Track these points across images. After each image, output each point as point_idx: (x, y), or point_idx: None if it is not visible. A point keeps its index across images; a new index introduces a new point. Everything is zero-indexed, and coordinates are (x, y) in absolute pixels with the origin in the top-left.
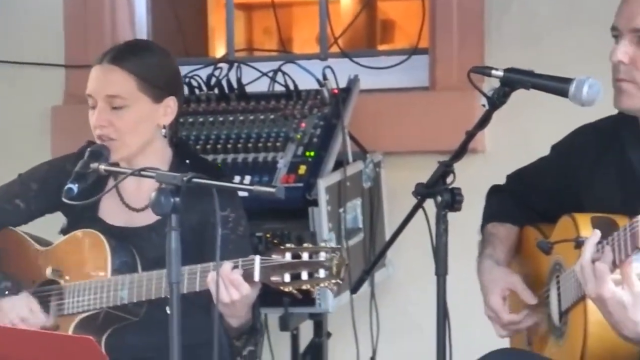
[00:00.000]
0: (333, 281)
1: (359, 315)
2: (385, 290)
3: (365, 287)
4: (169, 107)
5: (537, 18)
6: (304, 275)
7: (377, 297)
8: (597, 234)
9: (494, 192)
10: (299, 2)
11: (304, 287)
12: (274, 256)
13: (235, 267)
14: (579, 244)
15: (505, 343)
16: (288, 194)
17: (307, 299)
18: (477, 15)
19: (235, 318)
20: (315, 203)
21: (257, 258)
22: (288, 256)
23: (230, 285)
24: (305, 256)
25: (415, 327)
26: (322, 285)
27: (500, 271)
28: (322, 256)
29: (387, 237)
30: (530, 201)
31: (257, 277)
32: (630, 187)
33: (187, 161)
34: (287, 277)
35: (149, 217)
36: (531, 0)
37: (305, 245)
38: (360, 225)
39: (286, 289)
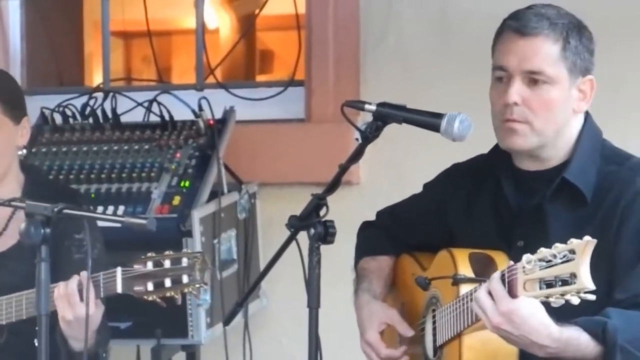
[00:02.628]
0: (197, 285)
1: (233, 346)
2: (259, 321)
3: (239, 319)
4: (25, 128)
5: (412, 52)
6: (167, 283)
7: (250, 328)
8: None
9: (366, 228)
10: (178, 30)
11: (168, 295)
12: (135, 266)
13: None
14: (456, 281)
15: None
16: (162, 224)
17: (180, 329)
18: (353, 48)
19: (77, 341)
20: (189, 234)
21: (119, 269)
22: (150, 265)
23: (67, 300)
24: (167, 263)
25: (289, 359)
26: (186, 290)
27: (377, 305)
28: (184, 262)
29: (262, 268)
30: (403, 236)
31: (119, 288)
32: (506, 219)
33: (40, 186)
34: (150, 286)
35: (3, 244)
36: (406, 34)
37: (166, 252)
38: (235, 257)
39: (150, 298)
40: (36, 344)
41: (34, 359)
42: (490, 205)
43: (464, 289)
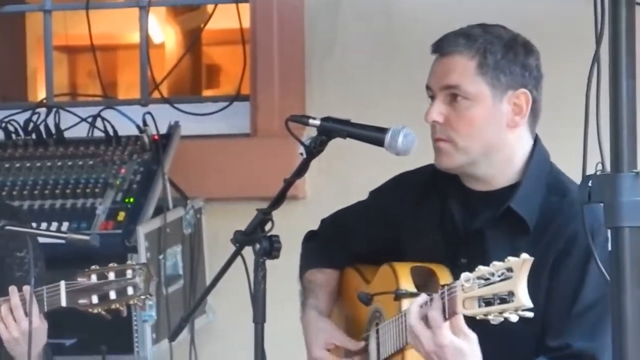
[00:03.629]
0: (142, 297)
1: None
2: (205, 336)
3: (185, 334)
4: None
5: (357, 67)
6: (112, 295)
7: (197, 343)
8: (424, 297)
9: (310, 239)
10: (123, 45)
11: (113, 307)
12: (79, 279)
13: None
14: (398, 296)
15: None
16: (107, 240)
17: (125, 345)
18: (298, 62)
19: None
20: (134, 250)
21: (62, 283)
22: (94, 278)
23: (12, 322)
24: (111, 276)
25: None
26: (131, 302)
27: (325, 323)
28: (129, 274)
29: (208, 283)
30: (348, 245)
31: (64, 302)
32: (451, 236)
33: None
34: (95, 299)
35: None
36: (351, 48)
37: (110, 265)
38: (181, 272)
39: (95, 311)
40: None
41: None
42: (437, 219)
43: (406, 304)
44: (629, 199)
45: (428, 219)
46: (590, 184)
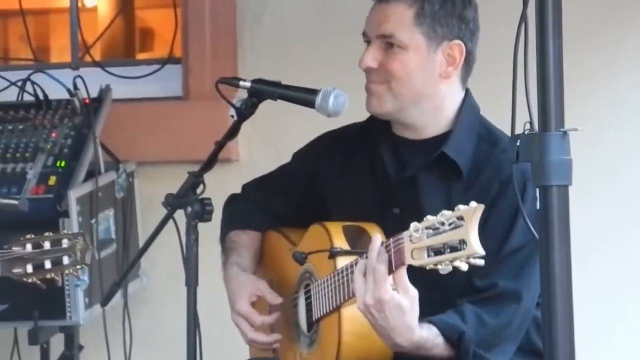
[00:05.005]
0: (78, 267)
1: (112, 326)
2: (138, 301)
3: (118, 298)
4: None
5: (289, 29)
6: (48, 264)
7: (130, 308)
8: (379, 239)
9: (233, 201)
10: (56, 9)
11: (48, 276)
12: (14, 248)
13: None
14: (332, 254)
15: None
16: (38, 205)
17: (57, 311)
18: (230, 24)
19: None
20: (66, 214)
21: None
22: (29, 247)
23: None
24: (47, 245)
25: (170, 338)
26: (66, 272)
27: (247, 277)
28: (65, 243)
29: (141, 247)
30: (271, 207)
31: None
32: (382, 186)
33: None
34: (29, 268)
35: None
36: (283, 10)
37: (46, 234)
38: (113, 236)
39: (30, 280)
40: None
41: None
42: (367, 171)
43: (341, 262)
44: (556, 158)
45: (356, 173)
46: (518, 143)
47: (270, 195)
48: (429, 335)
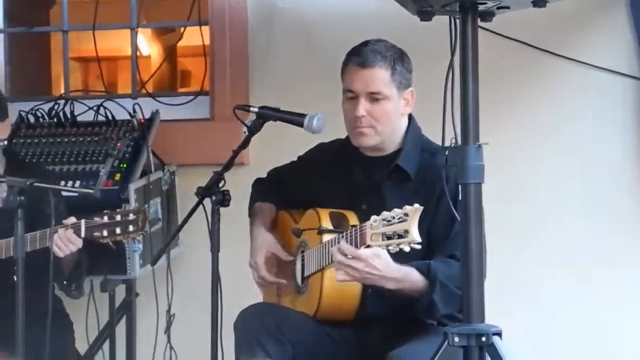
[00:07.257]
0: (140, 232)
1: (159, 281)
2: (178, 262)
3: (163, 260)
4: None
5: (286, 69)
6: (118, 230)
7: (172, 268)
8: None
9: (258, 182)
10: (122, 56)
11: (118, 239)
12: (95, 219)
13: (76, 225)
14: (320, 231)
15: (260, 298)
16: (107, 194)
17: (120, 268)
18: (243, 68)
19: (68, 265)
20: (127, 201)
21: (83, 221)
22: (106, 218)
23: (68, 241)
24: (118, 217)
25: (200, 289)
26: (132, 236)
27: (269, 237)
28: (131, 216)
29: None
30: (282, 191)
31: (83, 233)
32: (353, 193)
33: (18, 167)
34: (105, 233)
35: None
36: (281, 56)
37: (118, 210)
38: (160, 217)
39: (104, 241)
40: (15, 280)
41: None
42: (344, 179)
43: (326, 237)
44: (473, 163)
45: (337, 178)
46: (447, 153)
47: (282, 183)
48: (407, 269)
